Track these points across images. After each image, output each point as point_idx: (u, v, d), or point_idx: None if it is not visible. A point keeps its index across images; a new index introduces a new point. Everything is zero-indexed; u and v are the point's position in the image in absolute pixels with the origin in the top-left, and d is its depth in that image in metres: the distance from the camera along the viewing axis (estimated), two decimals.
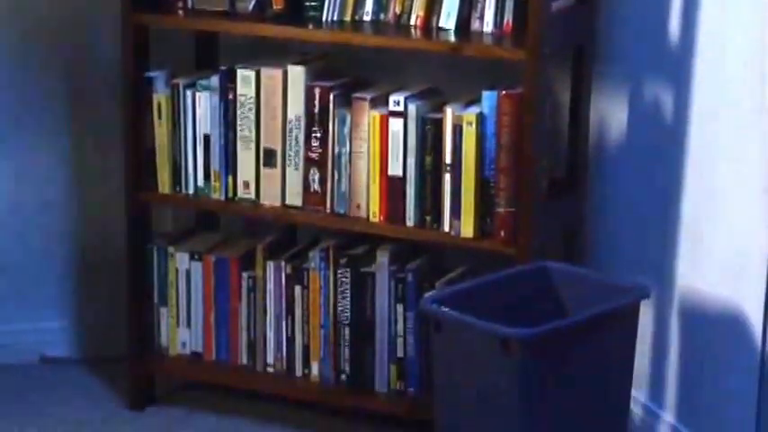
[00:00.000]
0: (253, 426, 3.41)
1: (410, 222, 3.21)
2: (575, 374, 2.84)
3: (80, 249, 3.75)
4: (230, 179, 3.34)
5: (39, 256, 3.72)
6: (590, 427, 2.89)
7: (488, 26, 3.17)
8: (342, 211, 3.26)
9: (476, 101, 3.14)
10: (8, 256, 3.70)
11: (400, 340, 3.30)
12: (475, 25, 3.18)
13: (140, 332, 3.48)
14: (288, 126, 3.28)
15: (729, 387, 3.01)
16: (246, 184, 3.33)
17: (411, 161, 3.18)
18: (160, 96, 3.36)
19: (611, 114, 3.36)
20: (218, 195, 3.36)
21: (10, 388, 3.59)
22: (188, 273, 3.46)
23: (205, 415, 3.46)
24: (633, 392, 3.03)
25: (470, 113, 3.11)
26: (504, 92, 3.08)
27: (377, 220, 3.23)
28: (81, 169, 3.71)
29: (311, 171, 3.27)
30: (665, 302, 3.21)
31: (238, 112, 3.30)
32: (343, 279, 3.32)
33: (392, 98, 3.18)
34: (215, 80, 3.32)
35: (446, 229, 3.18)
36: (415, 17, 3.23)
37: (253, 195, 3.33)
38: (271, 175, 3.31)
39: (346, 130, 3.22)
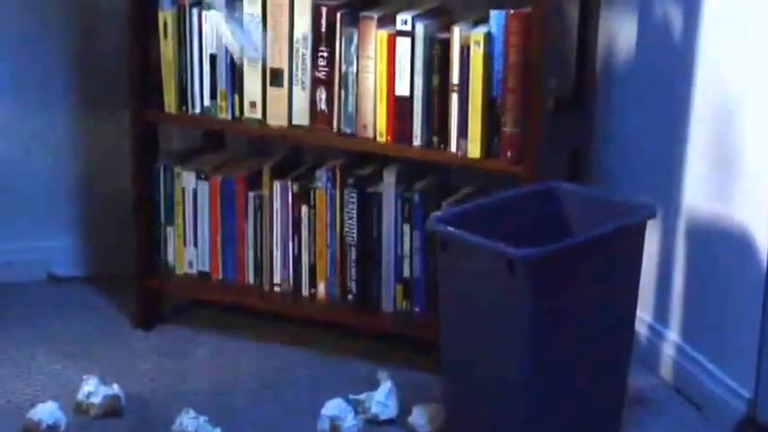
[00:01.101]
0: (259, 345, 3.43)
1: (417, 142, 3.21)
2: (581, 294, 2.85)
3: (87, 168, 3.75)
4: (237, 99, 3.34)
5: (46, 175, 3.72)
6: (596, 346, 2.91)
7: None
8: (348, 131, 3.25)
9: (484, 20, 3.13)
10: (16, 175, 3.70)
11: (407, 260, 3.31)
12: None
13: (147, 251, 3.49)
14: (294, 45, 3.26)
15: (734, 306, 3.02)
16: (253, 104, 3.32)
17: (418, 81, 3.17)
18: (166, 14, 3.34)
19: (620, 33, 3.35)
20: (224, 115, 3.35)
21: (18, 306, 3.61)
22: (194, 192, 3.46)
23: (211, 334, 3.48)
24: (639, 312, 3.05)
25: (478, 33, 3.10)
26: (512, 11, 3.06)
27: (384, 140, 3.23)
28: (89, 89, 3.71)
29: (318, 91, 3.27)
30: (671, 222, 3.21)
31: None
32: (350, 199, 3.33)
33: (399, 17, 3.16)
34: None
35: (453, 149, 3.18)
36: None
37: (259, 115, 3.32)
38: (277, 95, 3.30)
39: (353, 49, 3.21)
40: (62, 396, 3.11)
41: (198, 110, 3.37)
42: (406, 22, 3.15)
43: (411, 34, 3.15)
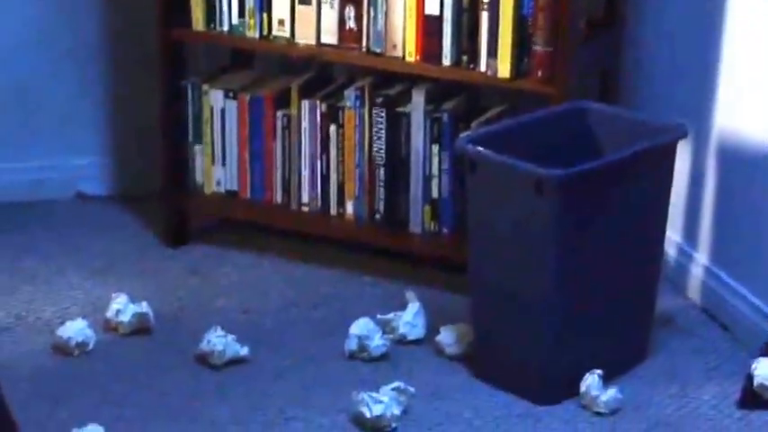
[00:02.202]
0: (286, 264, 3.43)
1: (446, 62, 3.18)
2: (610, 216, 2.84)
3: (116, 86, 3.74)
4: (265, 16, 3.31)
5: (76, 93, 3.72)
6: (624, 268, 2.91)
7: None
8: (377, 50, 3.23)
9: None
10: (45, 92, 3.70)
11: (435, 180, 3.30)
12: None
13: (175, 170, 3.49)
14: None
15: (764, 227, 3.01)
16: (281, 22, 3.30)
17: None
18: None
19: None
20: (252, 33, 3.33)
21: (46, 224, 3.62)
22: (222, 111, 3.45)
23: (239, 253, 3.49)
24: (668, 234, 3.03)
25: None
26: None
27: (413, 59, 3.21)
28: (119, 7, 3.69)
29: (347, 8, 3.24)
30: (703, 143, 3.19)
31: None
32: (379, 118, 3.31)
33: None
34: None
35: (482, 68, 3.15)
36: None
37: (287, 33, 3.30)
38: (306, 13, 3.27)
39: None
40: (91, 314, 3.12)
41: (226, 28, 3.35)
42: None
43: None
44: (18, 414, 2.73)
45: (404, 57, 3.21)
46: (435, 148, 3.28)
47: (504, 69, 3.11)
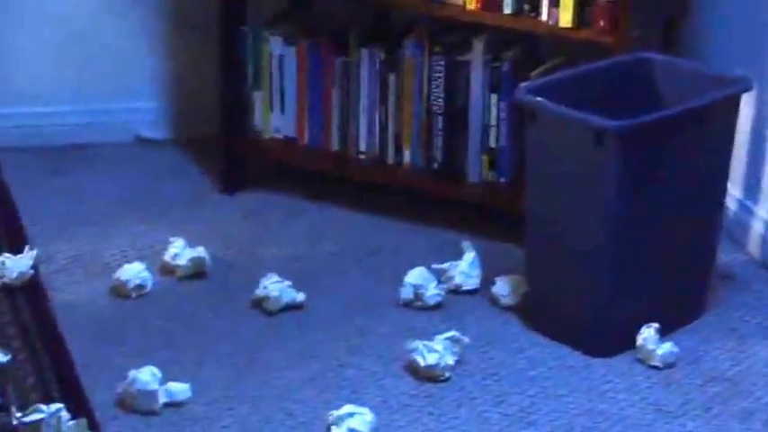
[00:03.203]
0: (343, 212, 3.44)
1: (507, 10, 3.15)
2: (670, 168, 2.82)
3: (177, 31, 3.75)
4: None
5: (136, 37, 3.72)
6: (684, 221, 2.88)
7: None
8: None
9: None
10: (105, 36, 3.71)
11: (493, 130, 3.28)
12: None
13: (234, 116, 3.49)
14: None
15: None
16: None
17: None
18: None
19: None
20: None
21: (105, 166, 3.64)
22: (281, 57, 3.45)
23: (295, 200, 3.49)
24: (728, 188, 3.00)
25: None
26: None
27: (473, 7, 3.18)
28: None
29: None
30: (767, 96, 3.15)
31: None
32: (437, 67, 3.29)
33: None
34: None
35: (544, 17, 3.12)
36: None
37: None
38: None
39: None
40: (148, 257, 3.14)
41: None
42: None
43: None
44: (76, 355, 2.77)
45: (464, 4, 3.19)
46: (494, 98, 3.26)
47: (565, 18, 3.08)
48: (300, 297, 3.00)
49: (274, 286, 2.99)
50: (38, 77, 3.68)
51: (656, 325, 2.82)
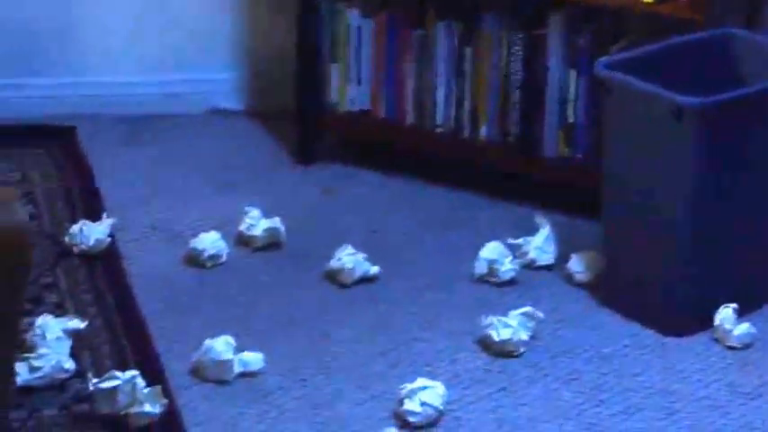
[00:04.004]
0: (417, 186, 3.43)
1: None
2: (750, 146, 2.78)
3: (254, 2, 3.75)
4: None
5: (213, 7, 3.73)
6: (764, 201, 2.84)
7: None
8: None
9: None
10: (182, 8, 3.72)
11: (570, 105, 3.25)
12: None
13: (310, 87, 3.49)
14: None
15: None
16: None
17: None
18: None
19: None
20: None
21: (181, 137, 3.66)
22: (359, 29, 3.44)
23: (370, 172, 3.49)
24: None
25: None
26: None
27: None
28: None
29: None
30: None
31: None
32: (515, 41, 3.27)
33: None
34: None
35: None
36: None
37: None
38: None
39: None
40: (223, 227, 3.15)
41: None
42: None
43: None
44: (151, 323, 2.79)
45: None
46: (572, 73, 3.23)
47: None
48: (374, 270, 3.00)
49: (349, 258, 2.99)
50: (115, 47, 3.71)
51: (734, 305, 2.79)
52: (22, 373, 2.53)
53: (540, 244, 3.06)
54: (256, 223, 3.12)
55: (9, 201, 1.12)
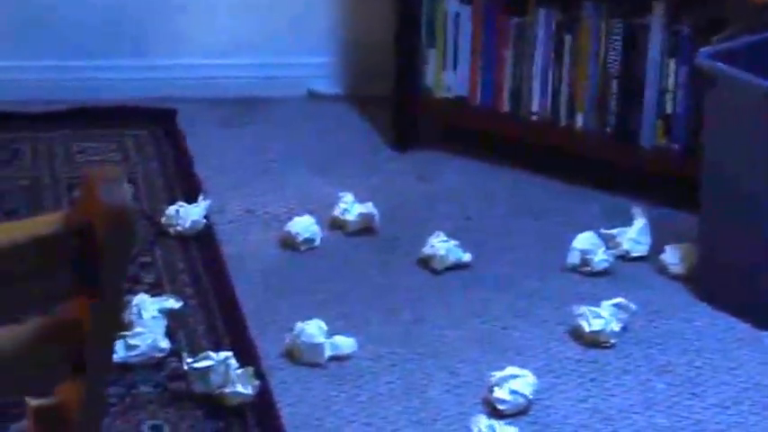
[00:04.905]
0: (511, 172, 3.42)
1: None
2: None
3: None
4: None
5: None
6: None
7: None
8: None
9: None
10: None
11: (669, 95, 3.22)
12: None
13: (407, 73, 3.49)
14: None
15: None
16: None
17: None
18: None
19: None
20: None
21: (277, 121, 3.68)
22: (457, 15, 3.43)
23: (464, 159, 3.49)
24: None
25: None
26: None
27: None
28: None
29: None
30: None
31: None
32: (615, 30, 3.24)
33: None
34: None
35: None
36: None
37: None
38: None
39: None
40: (317, 211, 3.17)
41: None
42: None
43: None
44: (245, 305, 2.82)
45: None
46: (672, 63, 3.20)
47: None
48: (467, 257, 3.00)
49: (442, 245, 2.99)
50: (214, 30, 3.74)
51: None
52: (119, 350, 2.57)
53: (635, 235, 3.04)
54: (350, 208, 3.14)
55: (115, 180, 1.14)
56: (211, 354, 2.52)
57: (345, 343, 2.68)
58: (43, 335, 1.30)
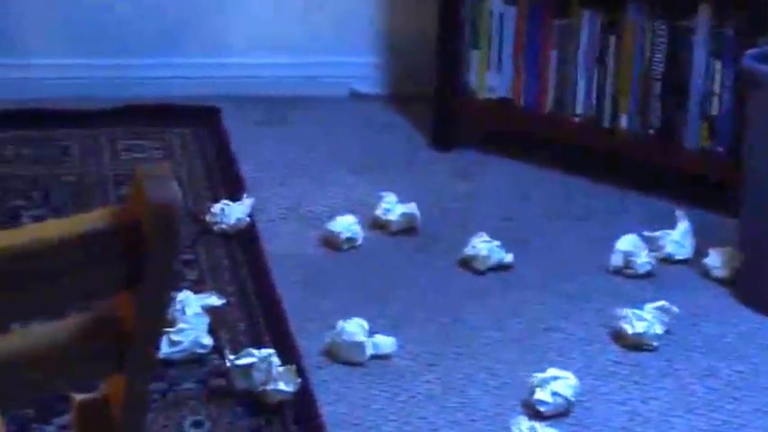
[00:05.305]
0: (555, 173, 3.41)
1: None
2: None
3: None
4: None
5: None
6: None
7: None
8: None
9: None
10: None
11: (714, 98, 3.21)
12: None
13: (450, 73, 3.49)
14: None
15: None
16: None
17: None
18: None
19: None
20: None
21: (320, 120, 3.69)
22: (501, 16, 3.43)
23: (507, 160, 3.49)
24: None
25: None
26: None
27: None
28: None
29: None
30: None
31: None
32: (660, 31, 3.23)
33: None
34: None
35: None
36: None
37: None
38: None
39: None
40: (359, 210, 3.18)
41: None
42: None
43: None
44: (287, 303, 2.83)
45: None
46: (717, 65, 3.18)
47: None
48: (509, 258, 3.00)
49: (483, 245, 2.99)
50: (259, 29, 3.75)
51: None
52: (162, 346, 2.59)
53: (678, 238, 3.03)
54: (392, 208, 3.14)
55: (164, 177, 1.15)
56: (253, 351, 2.53)
57: (386, 342, 2.69)
58: (89, 330, 1.31)
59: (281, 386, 2.50)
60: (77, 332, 1.29)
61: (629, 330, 2.73)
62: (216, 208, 3.09)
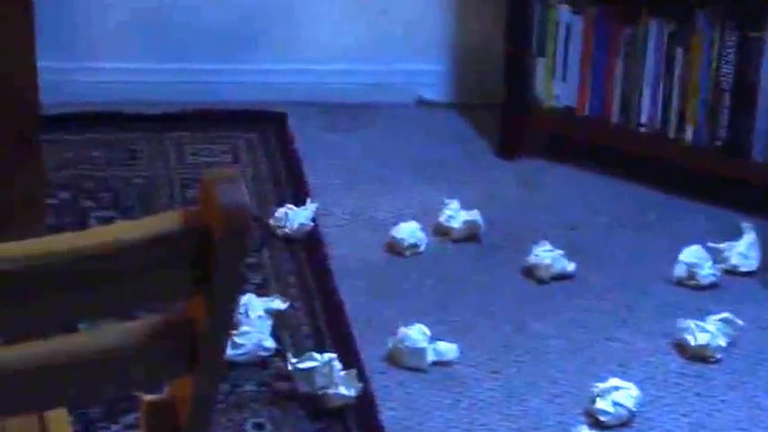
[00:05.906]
0: (619, 183, 3.40)
1: None
2: None
3: None
4: None
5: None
6: None
7: None
8: None
9: None
10: None
11: None
12: None
13: (516, 82, 3.49)
14: None
15: None
16: None
17: None
18: None
19: None
20: None
21: (385, 127, 3.70)
22: (568, 26, 3.43)
23: (571, 169, 3.48)
24: None
25: None
26: None
27: None
28: None
29: None
30: None
31: None
32: (729, 42, 3.21)
33: None
34: None
35: None
36: None
37: None
38: None
39: None
40: (423, 217, 3.18)
41: None
42: None
43: None
44: (349, 308, 2.84)
45: None
46: None
47: None
48: (571, 267, 3.00)
49: (546, 254, 2.99)
50: (326, 35, 3.77)
51: None
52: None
53: (743, 250, 3.01)
54: (456, 215, 3.15)
55: (234, 181, 1.17)
56: (315, 355, 2.54)
57: (448, 349, 2.69)
58: (158, 332, 1.33)
59: (343, 390, 2.51)
60: (149, 333, 1.31)
61: (692, 342, 2.71)
62: (280, 212, 3.12)
